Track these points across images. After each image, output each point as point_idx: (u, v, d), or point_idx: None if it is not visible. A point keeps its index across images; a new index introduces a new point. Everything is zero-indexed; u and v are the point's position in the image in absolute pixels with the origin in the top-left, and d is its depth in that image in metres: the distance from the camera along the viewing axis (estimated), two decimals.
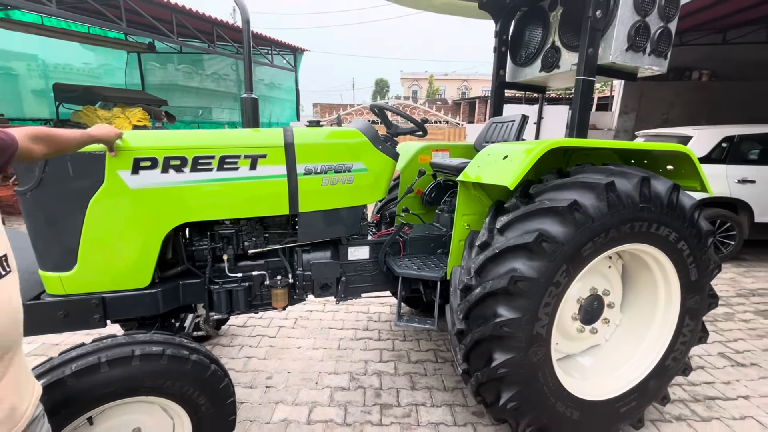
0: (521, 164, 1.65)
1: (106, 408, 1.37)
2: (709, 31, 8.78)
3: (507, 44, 2.87)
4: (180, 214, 1.73)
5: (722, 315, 3.55)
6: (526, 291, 1.59)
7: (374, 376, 2.58)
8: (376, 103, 2.30)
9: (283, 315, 3.41)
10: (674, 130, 5.30)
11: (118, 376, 1.32)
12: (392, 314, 3.47)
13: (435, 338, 3.08)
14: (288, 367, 2.65)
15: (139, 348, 1.37)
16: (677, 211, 1.78)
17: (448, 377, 2.58)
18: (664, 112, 9.68)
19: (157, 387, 1.40)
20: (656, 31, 2.14)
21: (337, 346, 2.93)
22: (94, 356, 1.30)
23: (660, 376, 2.00)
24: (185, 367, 1.44)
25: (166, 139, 1.70)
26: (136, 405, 1.44)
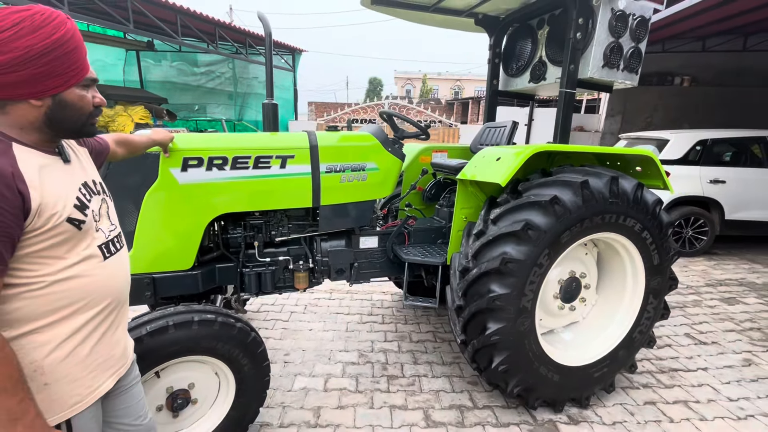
0: (511, 165, 1.96)
1: (169, 365, 1.65)
2: (690, 39, 9.24)
3: (500, 56, 3.18)
4: (221, 205, 2.01)
5: (691, 302, 3.93)
6: (515, 271, 1.91)
7: (380, 353, 2.88)
8: (385, 111, 2.59)
9: (293, 302, 3.69)
10: (653, 133, 5.69)
11: (182, 337, 1.60)
12: (394, 302, 3.78)
13: (433, 322, 3.39)
14: (302, 346, 2.94)
15: (197, 315, 1.65)
16: (641, 206, 2.12)
17: (446, 354, 2.89)
18: (648, 115, 10.12)
19: (210, 348, 1.68)
20: (628, 51, 2.47)
21: (345, 329, 3.23)
22: (163, 320, 1.58)
23: (628, 346, 2.34)
24: (232, 332, 1.72)
25: (211, 141, 1.98)
26: (192, 364, 1.73)
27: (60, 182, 0.94)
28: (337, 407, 2.29)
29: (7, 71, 0.85)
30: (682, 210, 5.16)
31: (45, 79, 0.89)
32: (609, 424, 2.21)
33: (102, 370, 1.04)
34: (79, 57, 0.94)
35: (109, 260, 1.04)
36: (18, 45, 0.84)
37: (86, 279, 0.97)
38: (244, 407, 1.85)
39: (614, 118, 10.35)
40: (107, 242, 1.05)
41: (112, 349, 1.08)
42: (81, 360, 0.97)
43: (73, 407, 0.96)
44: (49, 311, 0.91)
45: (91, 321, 0.99)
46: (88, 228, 0.98)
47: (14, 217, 0.81)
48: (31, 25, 0.86)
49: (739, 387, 2.59)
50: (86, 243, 0.98)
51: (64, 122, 0.95)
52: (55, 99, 0.92)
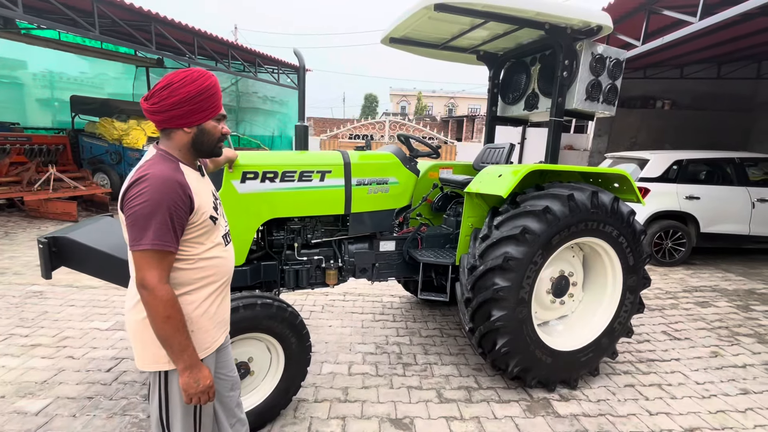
0: (511, 181, 2.40)
1: (236, 340, 2.01)
2: (669, 66, 9.97)
3: (498, 87, 3.66)
4: (270, 211, 2.40)
5: (669, 305, 4.36)
6: (515, 267, 2.32)
7: (395, 345, 3.24)
8: (402, 134, 3.03)
9: (311, 302, 4.04)
10: (635, 153, 6.22)
11: (249, 316, 1.97)
12: (402, 303, 4.14)
13: (439, 320, 3.76)
14: (325, 339, 3.29)
15: (260, 299, 2.02)
16: (617, 215, 2.55)
17: (452, 346, 3.26)
18: (632, 135, 10.77)
19: (268, 326, 2.05)
20: (606, 87, 2.94)
21: (360, 326, 3.59)
22: (235, 302, 1.95)
23: (609, 335, 2.74)
24: (285, 314, 2.09)
25: (265, 158, 2.38)
26: (251, 341, 2.09)
27: (204, 190, 1.34)
28: (362, 387, 2.65)
29: (175, 108, 1.24)
30: (662, 223, 5.64)
31: (194, 113, 1.27)
32: (594, 401, 2.60)
33: (219, 327, 1.41)
34: (216, 99, 1.31)
35: (228, 247, 1.43)
36: (183, 90, 1.23)
37: (217, 259, 1.35)
38: (290, 381, 2.21)
39: (601, 138, 10.98)
40: (225, 234, 1.44)
41: (225, 313, 1.46)
42: (211, 316, 1.35)
43: (205, 350, 1.34)
44: (196, 279, 1.29)
45: (218, 289, 1.37)
46: (219, 223, 1.37)
47: (186, 213, 1.21)
48: (190, 77, 1.25)
49: (705, 373, 2.99)
50: (217, 233, 1.36)
51: (203, 145, 1.33)
52: (199, 128, 1.30)
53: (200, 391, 1.22)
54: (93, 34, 6.15)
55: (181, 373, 1.20)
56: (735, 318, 4.05)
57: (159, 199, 1.13)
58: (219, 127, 1.35)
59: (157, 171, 1.17)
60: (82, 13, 6.36)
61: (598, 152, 10.96)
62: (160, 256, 1.14)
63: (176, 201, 1.16)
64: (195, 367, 1.21)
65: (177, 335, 1.17)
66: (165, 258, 1.16)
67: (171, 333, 1.16)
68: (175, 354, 1.19)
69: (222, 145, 1.43)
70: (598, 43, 2.84)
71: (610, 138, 10.86)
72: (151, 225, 1.12)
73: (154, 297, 1.13)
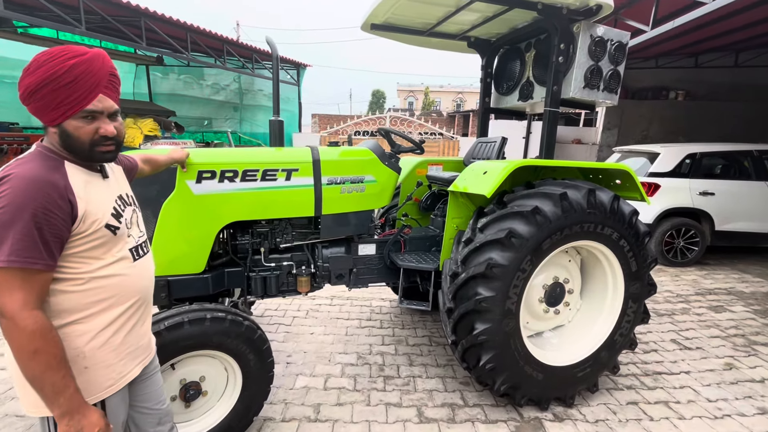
0: (496, 178, 2.15)
1: (183, 358, 1.81)
2: (683, 55, 9.50)
3: (491, 76, 3.39)
4: (231, 214, 2.19)
5: (679, 310, 4.06)
6: (500, 275, 2.07)
7: (378, 355, 3.03)
8: (383, 128, 2.80)
9: (295, 307, 3.85)
10: (644, 147, 5.88)
11: (195, 332, 1.77)
12: (392, 308, 3.93)
13: (429, 327, 3.53)
14: (304, 348, 3.09)
15: (209, 313, 1.82)
16: (618, 216, 2.29)
17: (440, 357, 3.04)
18: (644, 128, 10.33)
19: (221, 343, 1.85)
20: (607, 73, 2.66)
21: (344, 333, 3.38)
22: (179, 317, 1.76)
23: (610, 348, 2.48)
24: (241, 329, 1.89)
25: (223, 156, 2.18)
26: (204, 359, 1.90)
27: (100, 194, 1.11)
28: (336, 404, 2.44)
29: (25, 100, 1.00)
30: (673, 221, 5.31)
31: (46, 110, 1.01)
32: (592, 421, 2.35)
33: (131, 359, 1.20)
34: (73, 92, 1.00)
35: (138, 262, 1.21)
36: (27, 80, 0.99)
37: (119, 277, 1.13)
38: (249, 400, 2.01)
39: (611, 131, 10.57)
40: (136, 246, 1.22)
41: (140, 340, 1.24)
42: (114, 348, 1.13)
43: (107, 389, 1.13)
44: (89, 304, 1.07)
45: (123, 314, 1.15)
46: (121, 234, 1.15)
47: (64, 221, 0.99)
48: (38, 61, 0.98)
49: (718, 389, 2.71)
50: (120, 246, 1.15)
51: (72, 148, 1.05)
52: (60, 128, 1.03)
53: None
54: (79, 30, 6.01)
55: (59, 420, 0.98)
56: (752, 325, 3.74)
57: (21, 204, 0.92)
58: (86, 128, 1.04)
59: (23, 170, 0.96)
60: (69, 10, 6.23)
61: (608, 146, 10.55)
62: (22, 276, 0.93)
63: (47, 207, 0.95)
64: (76, 413, 0.99)
65: (49, 374, 0.96)
66: (31, 278, 0.94)
67: (40, 372, 0.95)
68: (47, 398, 0.97)
69: (108, 148, 1.09)
70: (598, 25, 2.56)
71: (620, 131, 10.45)
72: (8, 236, 0.91)
73: (15, 327, 0.92)
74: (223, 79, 15.13)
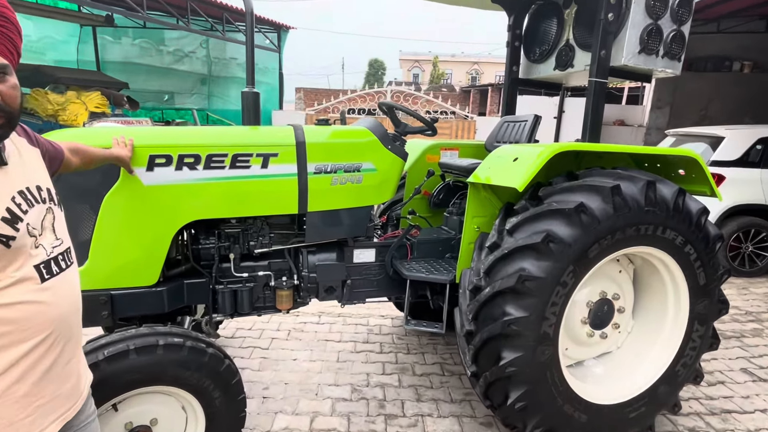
0: (531, 167, 2.04)
1: (129, 396, 1.71)
2: (751, 17, 9.38)
3: (521, 39, 3.29)
4: (192, 211, 2.09)
5: (750, 331, 3.97)
6: (534, 290, 1.97)
7: (377, 387, 2.94)
8: (386, 102, 2.69)
9: (274, 326, 3.75)
10: (706, 129, 5.78)
11: (145, 364, 1.67)
12: (394, 327, 3.84)
13: (441, 351, 3.44)
14: (285, 379, 3.00)
15: (162, 338, 1.71)
16: (683, 215, 2.18)
17: (456, 390, 2.94)
18: (702, 107, 10.24)
19: (177, 377, 1.74)
20: (669, 34, 2.56)
21: (336, 359, 3.29)
22: (123, 344, 1.65)
23: (670, 382, 2.39)
24: (203, 359, 1.78)
25: (181, 136, 2.07)
26: (156, 396, 1.79)
27: None
28: None
29: None
30: (741, 221, 5.22)
31: None
32: None
33: (44, 414, 1.05)
34: None
35: (51, 282, 1.06)
36: None
37: (20, 306, 0.98)
38: None
39: (661, 110, 10.48)
40: (48, 261, 1.06)
41: (59, 387, 1.10)
42: (17, 400, 0.99)
43: None
44: None
45: (29, 355, 1.00)
46: (20, 245, 0.99)
47: None
48: None
49: None
50: (18, 263, 0.99)
51: None
52: None
53: None
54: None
55: None
56: None
57: None
58: None
59: None
60: None
61: (657, 128, 10.47)
62: None
63: None
64: None
65: None
66: None
67: None
68: None
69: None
70: None
71: (672, 110, 10.36)
72: None
73: None
74: (187, 45, 14.95)
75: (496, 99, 22.41)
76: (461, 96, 24.70)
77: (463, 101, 22.50)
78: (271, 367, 3.13)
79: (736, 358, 3.47)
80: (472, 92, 25.50)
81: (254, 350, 3.36)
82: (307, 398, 2.79)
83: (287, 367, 3.14)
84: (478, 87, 26.34)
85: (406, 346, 3.51)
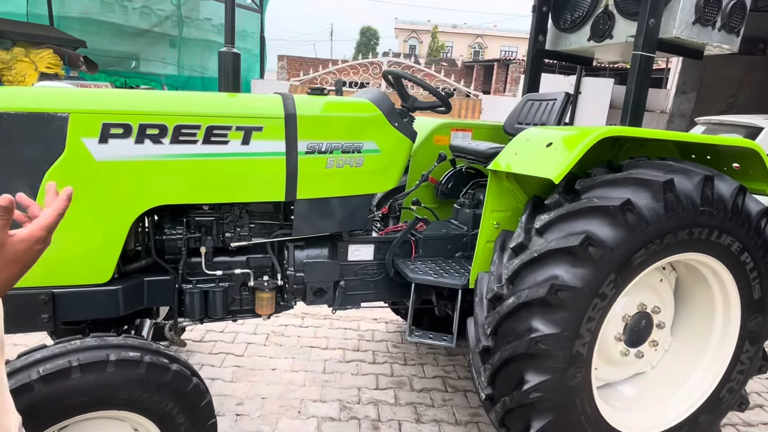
0: (570, 154, 1.87)
1: (72, 422, 1.52)
2: None
3: (550, 3, 3.10)
4: (155, 195, 1.89)
5: None
6: (568, 302, 1.82)
7: (370, 405, 2.80)
8: (391, 70, 2.49)
9: (250, 329, 3.59)
10: (742, 118, 5.70)
11: (91, 384, 1.48)
12: (389, 332, 3.70)
13: (443, 362, 3.31)
14: (262, 392, 2.84)
15: (114, 352, 1.52)
16: (742, 217, 2.05)
17: (461, 409, 2.82)
18: (731, 93, 10.22)
19: (132, 399, 1.56)
20: (728, 3, 2.42)
21: (322, 369, 3.14)
22: (64, 359, 1.45)
23: (712, 409, 2.29)
24: (165, 377, 1.60)
25: (143, 101, 1.86)
26: (105, 421, 1.61)
27: None
28: None
29: None
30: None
31: None
32: None
33: None
34: None
35: None
36: None
37: None
38: None
39: (687, 95, 10.42)
40: None
41: None
42: None
43: None
44: None
45: None
46: None
47: None
48: None
49: None
50: None
51: None
52: None
53: None
54: None
55: None
56: None
57: None
58: None
59: None
60: None
61: (681, 115, 10.43)
62: None
63: None
64: None
65: None
66: None
67: None
68: None
69: None
70: None
71: (698, 96, 10.31)
72: None
73: None
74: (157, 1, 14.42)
75: (502, 77, 22.23)
76: (463, 71, 24.50)
77: (466, 77, 22.30)
78: (247, 378, 2.97)
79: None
80: (476, 68, 25.29)
81: (227, 357, 3.19)
82: (288, 417, 2.64)
83: (265, 379, 2.98)
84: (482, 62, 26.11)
85: (403, 356, 3.37)
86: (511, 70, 21.16)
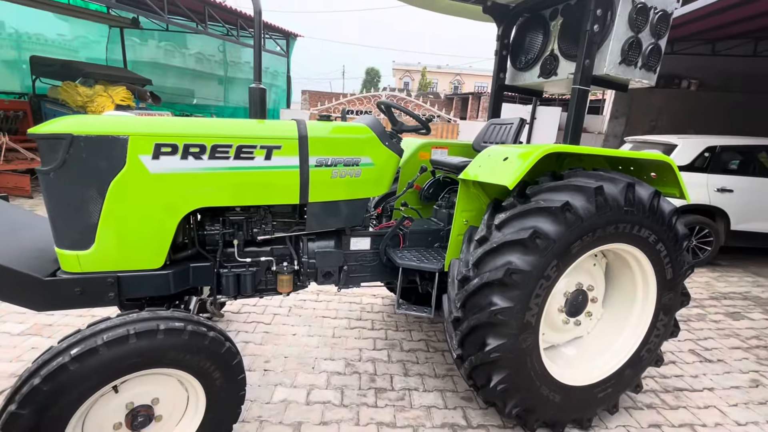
0: (520, 166, 1.84)
1: (130, 378, 1.50)
2: (699, 41, 9.20)
3: (508, 48, 3.05)
4: (197, 199, 1.85)
5: (695, 316, 3.87)
6: (520, 282, 1.79)
7: (368, 362, 2.76)
8: (384, 101, 2.46)
9: (276, 303, 3.54)
10: (661, 137, 5.62)
11: (145, 348, 1.45)
12: (384, 306, 3.65)
13: (426, 329, 3.27)
14: (284, 353, 2.80)
15: (163, 323, 1.50)
16: (657, 215, 2.01)
17: (439, 365, 2.78)
18: (653, 118, 10.11)
19: (178, 360, 1.54)
20: (647, 47, 2.36)
21: (331, 334, 3.10)
22: (123, 328, 1.43)
23: (635, 365, 2.25)
24: (204, 342, 1.58)
25: (187, 126, 1.82)
26: (156, 377, 1.58)
27: None
28: (320, 423, 2.17)
29: None
30: (687, 218, 5.10)
31: None
32: None
33: None
34: None
35: None
36: None
37: None
38: (215, 424, 1.71)
39: (618, 120, 10.32)
40: None
41: None
42: None
43: None
44: None
45: None
46: None
47: None
48: None
49: (747, 410, 2.51)
50: None
51: None
52: None
53: None
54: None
55: None
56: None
57: None
58: None
59: None
60: None
61: (614, 136, 10.33)
62: None
63: None
64: None
65: None
66: None
67: None
68: None
69: None
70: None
71: (628, 120, 10.22)
72: None
73: None
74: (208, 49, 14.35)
75: (476, 106, 22.06)
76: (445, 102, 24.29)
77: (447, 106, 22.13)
78: (273, 342, 2.93)
79: (684, 340, 3.36)
80: (455, 99, 25.08)
81: (258, 325, 3.15)
82: (304, 371, 2.60)
83: (287, 342, 2.94)
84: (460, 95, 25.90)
85: (395, 324, 3.33)
86: (483, 100, 20.96)
